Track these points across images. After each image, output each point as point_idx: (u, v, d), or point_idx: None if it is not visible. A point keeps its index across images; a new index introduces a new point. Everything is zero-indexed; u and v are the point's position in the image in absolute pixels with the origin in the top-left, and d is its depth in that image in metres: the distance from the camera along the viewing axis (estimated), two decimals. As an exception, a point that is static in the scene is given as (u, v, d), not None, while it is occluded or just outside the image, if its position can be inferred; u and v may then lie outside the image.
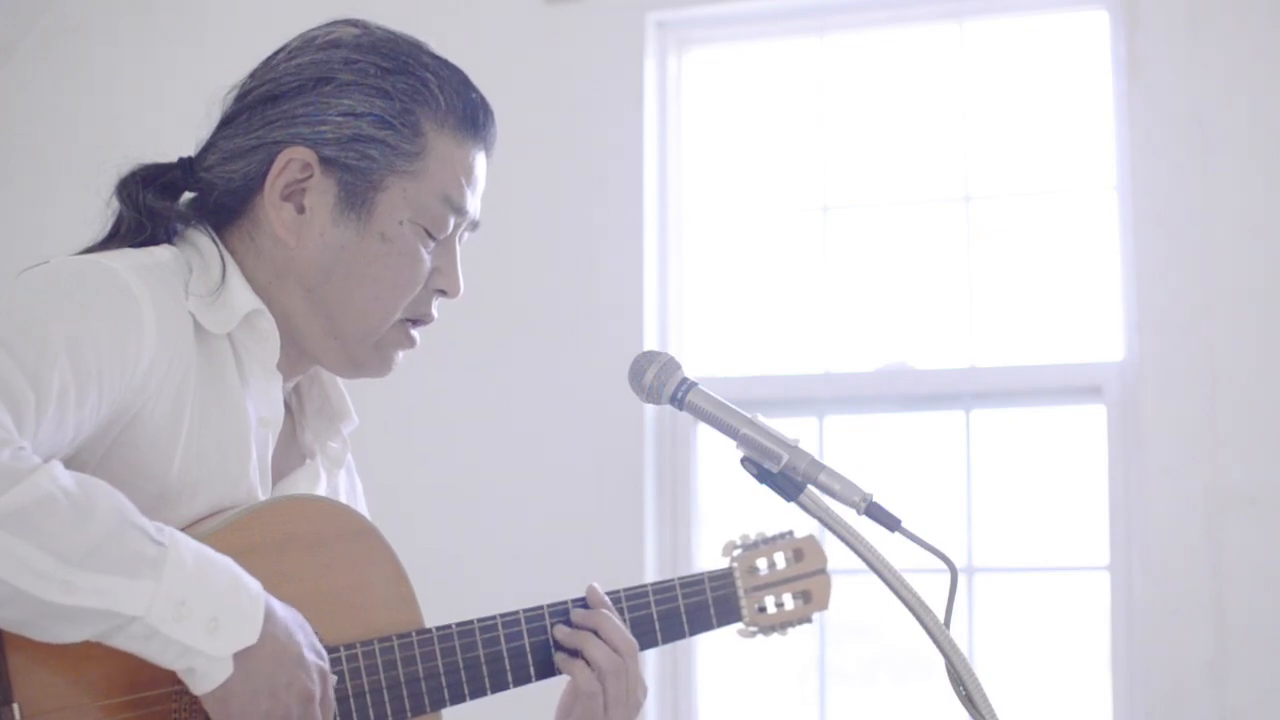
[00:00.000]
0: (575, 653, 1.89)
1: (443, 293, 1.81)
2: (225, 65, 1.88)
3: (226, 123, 1.77)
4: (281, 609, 1.58)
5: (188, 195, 1.79)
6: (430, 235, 1.77)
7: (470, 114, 1.78)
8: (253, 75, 1.79)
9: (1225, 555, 3.54)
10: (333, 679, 1.62)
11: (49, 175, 4.37)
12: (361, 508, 1.96)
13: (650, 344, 3.94)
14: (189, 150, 1.80)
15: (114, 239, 1.75)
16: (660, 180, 4.07)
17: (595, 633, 1.89)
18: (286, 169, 1.73)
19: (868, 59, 4.11)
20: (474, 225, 1.83)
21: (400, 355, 1.82)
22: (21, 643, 1.48)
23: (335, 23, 1.80)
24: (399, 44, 1.78)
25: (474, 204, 1.81)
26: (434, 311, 1.82)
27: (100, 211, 1.78)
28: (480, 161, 1.81)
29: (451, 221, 1.78)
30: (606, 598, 1.93)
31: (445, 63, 1.80)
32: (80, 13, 4.48)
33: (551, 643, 1.88)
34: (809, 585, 2.13)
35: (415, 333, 1.82)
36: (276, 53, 1.79)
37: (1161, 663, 3.56)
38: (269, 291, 1.75)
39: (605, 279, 4.00)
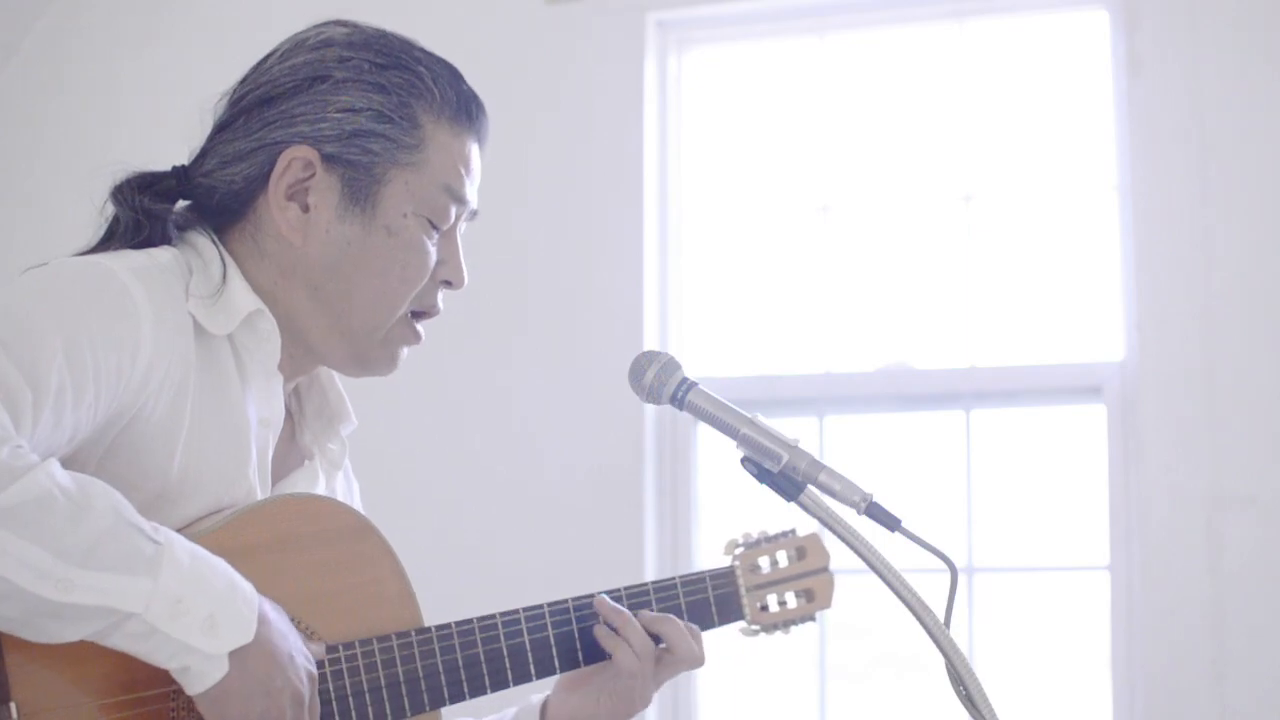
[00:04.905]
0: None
1: (448, 284, 1.82)
2: (226, 66, 1.89)
3: (222, 128, 1.78)
4: (273, 611, 1.58)
5: (183, 202, 1.79)
6: (434, 226, 1.78)
7: (464, 105, 1.80)
8: (245, 80, 1.79)
9: (1225, 555, 3.54)
10: (316, 682, 1.61)
11: (49, 176, 4.37)
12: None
13: (650, 344, 3.94)
14: (187, 153, 1.80)
15: (112, 240, 1.75)
16: (660, 180, 4.07)
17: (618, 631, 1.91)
18: (289, 169, 1.74)
19: (868, 59, 4.10)
20: (473, 214, 1.84)
21: (405, 352, 1.82)
22: (19, 642, 1.48)
23: (324, 24, 1.81)
24: (390, 40, 1.80)
25: (472, 194, 1.82)
26: (440, 303, 1.83)
27: (97, 216, 1.77)
28: (475, 152, 1.82)
29: (453, 211, 1.79)
30: (617, 605, 1.94)
31: (436, 57, 1.81)
32: (80, 13, 4.48)
33: (554, 639, 1.88)
34: (812, 584, 2.12)
35: (420, 327, 1.82)
36: (268, 56, 1.80)
37: (1161, 663, 3.56)
38: (273, 292, 1.75)
39: (605, 279, 3.99)
